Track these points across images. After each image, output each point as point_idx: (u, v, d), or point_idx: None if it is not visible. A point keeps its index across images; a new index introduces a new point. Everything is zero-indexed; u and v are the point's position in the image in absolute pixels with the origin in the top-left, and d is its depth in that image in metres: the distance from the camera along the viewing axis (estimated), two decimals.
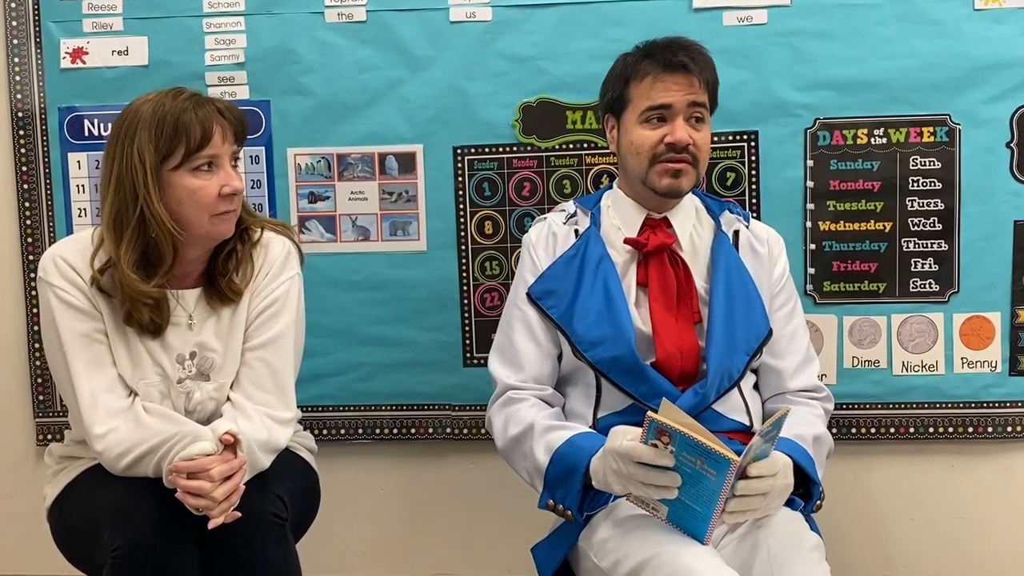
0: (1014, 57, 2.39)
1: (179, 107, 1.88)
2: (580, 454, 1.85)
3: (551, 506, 1.90)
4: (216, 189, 1.90)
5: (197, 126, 1.87)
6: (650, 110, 1.99)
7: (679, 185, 1.99)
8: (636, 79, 2.01)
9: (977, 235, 2.44)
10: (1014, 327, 2.45)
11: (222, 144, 1.91)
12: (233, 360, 2.00)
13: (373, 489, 2.66)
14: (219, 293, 1.99)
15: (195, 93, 1.93)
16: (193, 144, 1.87)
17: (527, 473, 1.97)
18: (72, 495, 1.99)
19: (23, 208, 2.59)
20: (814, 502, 1.92)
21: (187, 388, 1.98)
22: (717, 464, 1.64)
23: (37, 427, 2.65)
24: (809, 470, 1.87)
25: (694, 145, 1.98)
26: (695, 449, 1.64)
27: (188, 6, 2.52)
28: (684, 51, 1.99)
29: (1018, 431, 2.47)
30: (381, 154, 2.53)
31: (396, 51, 2.50)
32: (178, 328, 1.98)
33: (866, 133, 2.44)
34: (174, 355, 1.97)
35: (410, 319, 2.56)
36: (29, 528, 2.53)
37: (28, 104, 2.56)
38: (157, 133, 1.87)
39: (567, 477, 1.86)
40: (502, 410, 2.03)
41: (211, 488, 1.77)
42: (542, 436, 1.92)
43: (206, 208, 1.90)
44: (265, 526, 1.85)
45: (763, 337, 2.01)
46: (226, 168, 1.92)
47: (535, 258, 2.08)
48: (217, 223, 1.93)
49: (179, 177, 1.89)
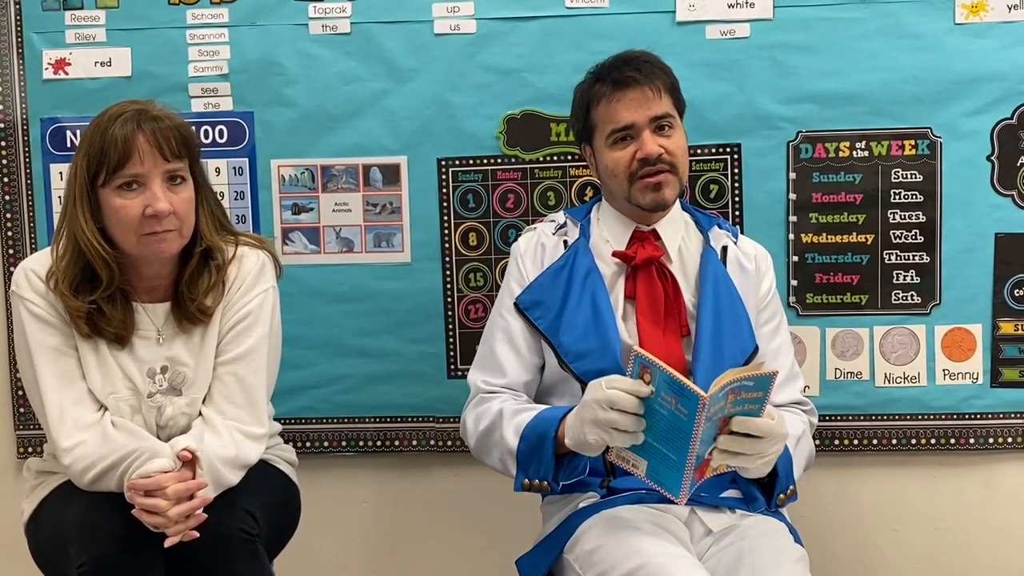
0: (995, 71, 2.41)
1: (106, 123, 1.86)
2: (548, 423, 1.87)
3: (526, 485, 1.89)
4: (139, 209, 1.85)
5: (118, 144, 1.84)
6: (615, 132, 1.99)
7: (663, 197, 2.00)
8: (595, 105, 2.02)
9: (959, 247, 2.45)
10: (995, 339, 2.47)
11: (144, 164, 1.85)
12: (205, 375, 1.98)
13: (356, 502, 2.65)
14: (187, 314, 1.96)
15: (137, 109, 1.89)
16: (112, 162, 1.84)
17: (499, 461, 1.96)
18: (45, 510, 1.98)
19: (4, 220, 2.58)
20: (776, 495, 1.91)
21: (158, 403, 1.96)
22: (689, 402, 1.64)
23: (17, 439, 2.63)
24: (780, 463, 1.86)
25: (668, 152, 1.98)
26: (671, 386, 1.66)
27: (171, 17, 2.52)
28: (630, 65, 2.00)
29: (1000, 443, 2.48)
30: (365, 166, 2.53)
31: (380, 63, 2.50)
32: (147, 341, 1.96)
33: (848, 146, 2.45)
34: (145, 368, 1.96)
35: (394, 331, 2.55)
36: (7, 542, 2.51)
37: (10, 115, 2.55)
38: (88, 149, 1.87)
39: (538, 448, 1.87)
40: (473, 411, 2.03)
41: (166, 507, 1.75)
42: (511, 420, 1.93)
43: (130, 228, 1.87)
44: (234, 543, 1.84)
45: (749, 353, 2.01)
46: (153, 189, 1.86)
47: (522, 268, 2.08)
48: (148, 243, 1.88)
49: (107, 195, 1.87)
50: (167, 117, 1.91)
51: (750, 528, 1.86)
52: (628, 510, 1.88)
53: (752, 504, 1.93)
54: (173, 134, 1.89)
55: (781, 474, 1.88)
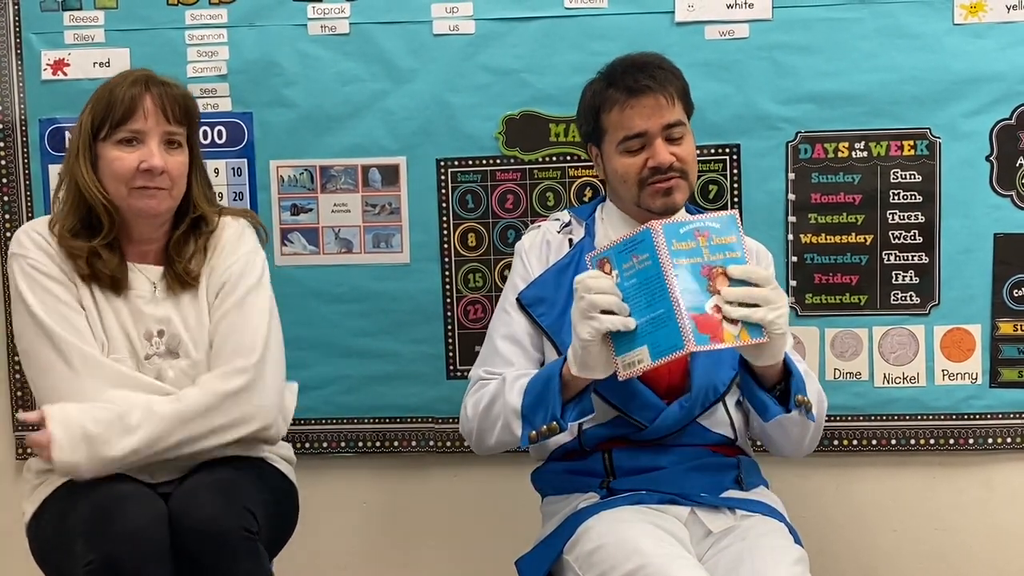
0: (993, 71, 2.41)
1: (116, 82, 1.98)
2: (552, 366, 1.87)
3: (533, 437, 1.86)
4: (135, 163, 1.95)
5: (125, 100, 1.95)
6: (626, 139, 1.98)
7: (673, 202, 2.00)
8: (606, 110, 2.01)
9: (958, 248, 2.45)
10: (994, 339, 2.47)
11: (146, 121, 1.96)
12: (200, 336, 2.01)
13: (356, 503, 2.65)
14: (176, 275, 2.03)
15: (146, 74, 2.00)
16: (117, 116, 1.95)
17: (502, 429, 1.92)
18: (48, 509, 1.97)
19: (3, 220, 2.58)
20: (794, 395, 1.83)
21: (156, 365, 1.99)
22: (644, 244, 1.67)
23: (16, 441, 2.63)
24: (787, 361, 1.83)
25: (679, 160, 1.98)
26: (623, 249, 1.69)
27: (170, 18, 2.52)
28: (644, 72, 1.98)
29: (999, 443, 2.49)
30: (364, 166, 2.53)
31: (379, 63, 2.50)
32: (143, 299, 2.01)
33: (847, 146, 2.45)
34: (142, 330, 1.99)
35: (393, 331, 2.55)
36: (6, 544, 2.50)
37: (9, 116, 2.55)
38: (95, 105, 1.98)
39: (544, 391, 1.84)
40: (473, 396, 2.02)
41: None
42: (514, 384, 1.92)
43: (122, 179, 1.96)
44: (235, 541, 1.83)
45: None
46: (150, 145, 1.96)
47: (527, 264, 2.08)
48: (137, 197, 1.97)
49: (105, 148, 1.97)
50: (175, 85, 2.03)
51: (750, 529, 1.86)
52: (628, 511, 1.88)
53: (765, 413, 1.86)
54: (179, 100, 2.00)
55: (795, 373, 1.84)
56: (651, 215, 2.01)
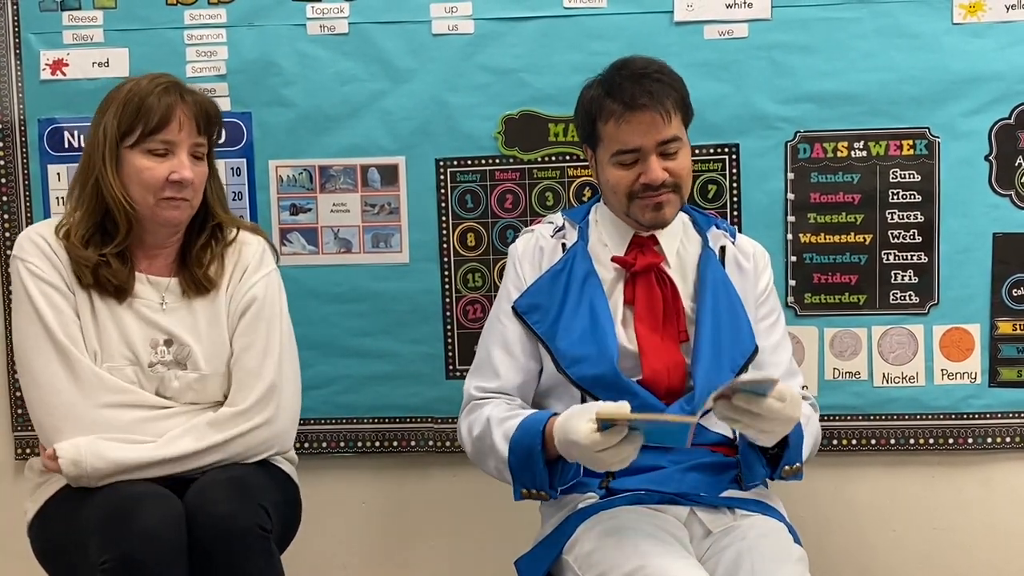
0: (992, 71, 2.41)
1: (147, 89, 1.96)
2: (532, 435, 1.86)
3: (525, 494, 1.90)
4: (165, 173, 1.95)
5: (158, 110, 1.94)
6: (620, 153, 1.97)
7: (663, 216, 2.00)
8: (602, 120, 1.99)
9: (957, 247, 2.45)
10: (993, 339, 2.47)
11: (180, 132, 1.96)
12: (210, 353, 2.02)
13: (355, 502, 2.65)
14: (194, 279, 2.03)
15: (174, 81, 2.00)
16: (150, 126, 1.94)
17: (496, 469, 1.96)
18: (54, 508, 1.97)
19: (3, 221, 2.57)
20: (782, 466, 1.89)
21: (160, 373, 1.99)
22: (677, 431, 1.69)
23: (15, 441, 2.63)
24: (793, 435, 1.85)
25: (672, 175, 1.97)
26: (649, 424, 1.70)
27: (169, 18, 2.52)
28: (642, 85, 1.94)
29: (998, 442, 2.49)
30: (363, 166, 2.53)
31: (378, 63, 2.50)
32: (150, 307, 2.01)
33: (846, 146, 2.45)
34: (148, 337, 1.99)
35: (392, 331, 2.55)
36: (6, 544, 2.51)
37: (7, 116, 2.55)
38: (122, 110, 1.96)
39: (528, 461, 1.86)
40: (467, 418, 2.03)
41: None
42: (499, 427, 1.93)
43: (151, 189, 1.96)
44: (250, 538, 1.84)
45: (749, 354, 2.01)
46: (180, 157, 1.97)
47: (520, 271, 2.08)
48: (163, 207, 1.97)
49: (133, 155, 1.96)
50: (201, 93, 2.05)
51: (749, 528, 1.86)
52: (627, 511, 1.88)
53: (749, 473, 1.91)
54: (208, 110, 2.02)
55: (792, 444, 1.86)
56: (640, 226, 2.02)
